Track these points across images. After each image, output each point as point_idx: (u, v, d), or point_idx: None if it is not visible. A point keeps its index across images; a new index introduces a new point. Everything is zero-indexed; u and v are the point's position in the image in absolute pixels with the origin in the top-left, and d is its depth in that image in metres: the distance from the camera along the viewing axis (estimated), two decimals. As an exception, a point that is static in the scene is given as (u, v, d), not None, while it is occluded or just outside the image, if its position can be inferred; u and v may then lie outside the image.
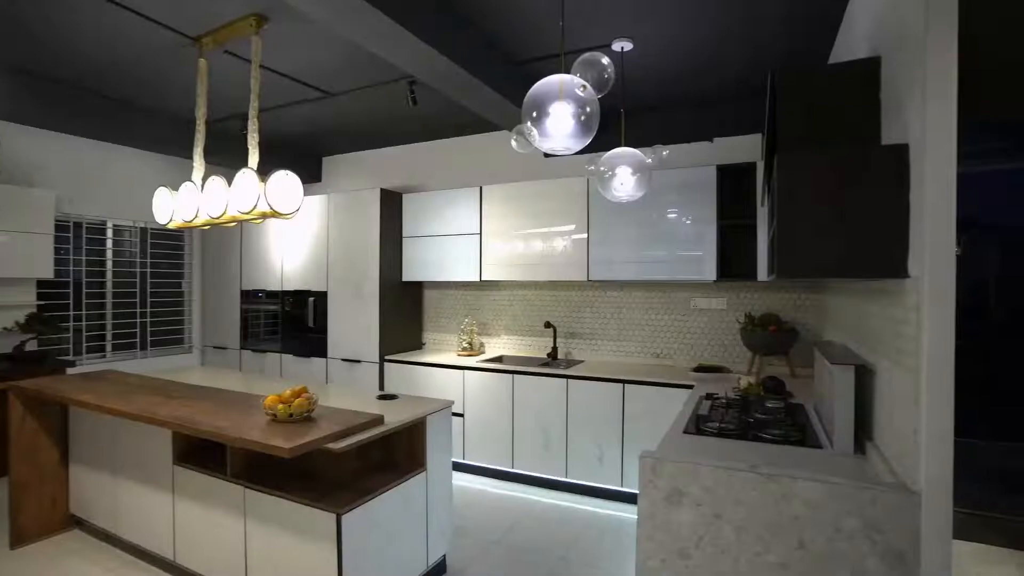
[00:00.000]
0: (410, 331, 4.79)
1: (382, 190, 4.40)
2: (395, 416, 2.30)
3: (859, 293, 2.12)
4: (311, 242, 4.71)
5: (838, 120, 1.69)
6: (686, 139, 3.80)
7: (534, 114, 1.84)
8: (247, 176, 2.37)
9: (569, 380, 3.62)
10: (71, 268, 4.28)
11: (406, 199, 4.60)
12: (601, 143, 2.88)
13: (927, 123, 1.31)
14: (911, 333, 1.38)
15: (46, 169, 4.01)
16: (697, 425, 2.14)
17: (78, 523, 2.99)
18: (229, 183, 2.47)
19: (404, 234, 4.61)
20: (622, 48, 2.84)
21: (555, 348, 4.21)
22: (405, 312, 4.72)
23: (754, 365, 3.32)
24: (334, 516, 1.94)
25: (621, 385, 3.45)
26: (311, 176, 5.52)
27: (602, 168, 2.80)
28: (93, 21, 2.68)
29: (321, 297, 4.67)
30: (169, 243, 5.07)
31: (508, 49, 3.02)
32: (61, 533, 2.94)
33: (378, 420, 2.17)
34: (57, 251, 4.00)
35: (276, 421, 2.07)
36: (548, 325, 4.18)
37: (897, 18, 1.55)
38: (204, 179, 2.59)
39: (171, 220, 2.75)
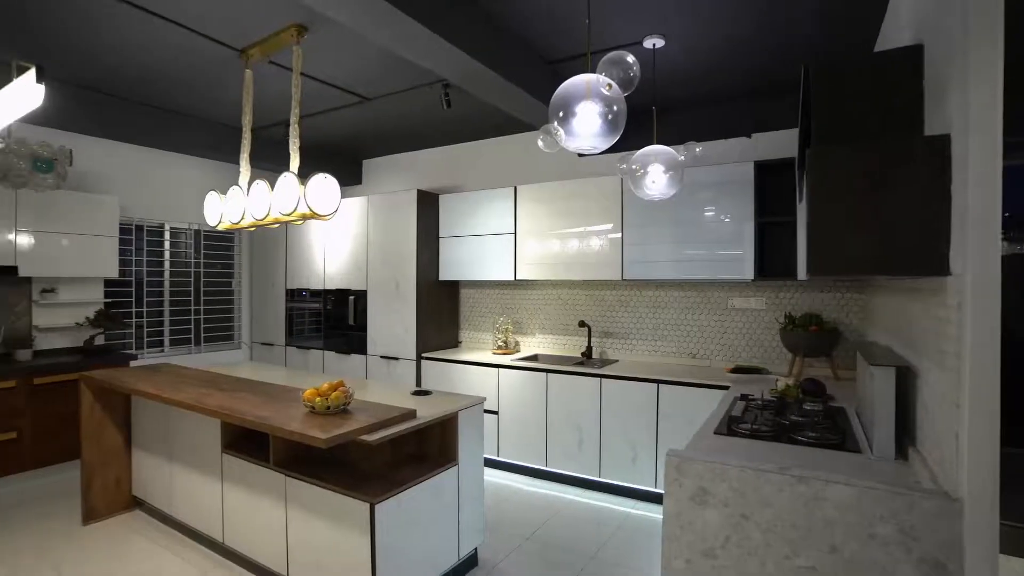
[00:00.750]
0: (447, 329, 4.88)
1: (419, 191, 4.50)
2: (427, 411, 2.36)
3: (902, 292, 2.03)
4: (351, 243, 4.87)
5: (877, 112, 1.62)
6: (723, 135, 3.72)
7: (560, 114, 1.85)
8: (288, 179, 2.49)
9: (603, 379, 3.61)
10: (133, 268, 4.59)
11: (443, 200, 4.69)
12: (634, 142, 2.87)
13: (970, 111, 1.25)
14: (953, 333, 1.32)
15: (111, 176, 4.32)
16: (729, 426, 2.11)
17: (139, 504, 3.21)
18: (273, 187, 2.60)
19: (441, 234, 4.70)
20: (654, 45, 2.81)
21: (590, 347, 4.19)
22: (442, 311, 4.81)
23: (795, 367, 3.21)
24: (368, 505, 2.02)
25: (655, 385, 3.41)
26: (352, 179, 5.70)
27: (634, 166, 2.78)
28: (150, 38, 2.86)
29: (361, 296, 4.82)
30: (220, 244, 5.35)
31: (540, 50, 3.04)
32: (125, 512, 3.17)
33: (411, 414, 2.24)
34: (121, 252, 4.30)
35: (314, 413, 2.17)
36: (582, 324, 4.18)
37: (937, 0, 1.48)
38: (250, 183, 2.72)
39: (220, 222, 2.91)
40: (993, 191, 1.24)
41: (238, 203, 2.78)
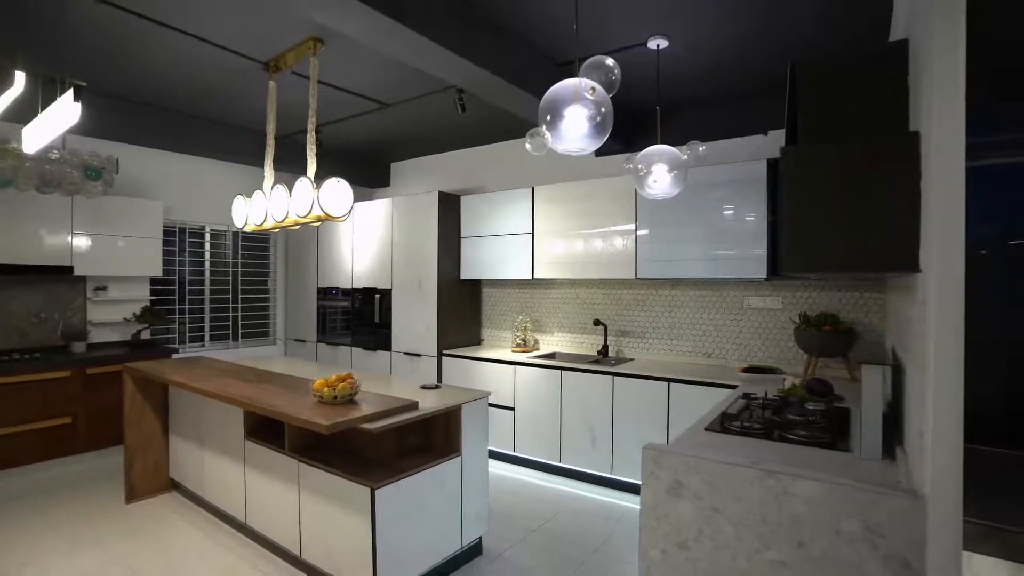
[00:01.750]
0: (469, 327, 4.99)
1: (440, 193, 4.63)
2: (430, 403, 2.47)
3: (899, 291, 2.00)
4: (377, 243, 5.06)
5: (862, 109, 1.61)
6: (738, 133, 3.68)
7: (548, 117, 1.93)
8: (303, 184, 2.65)
9: (615, 377, 3.63)
10: (176, 268, 4.92)
11: (464, 200, 4.81)
12: (642, 142, 2.90)
13: (932, 108, 1.25)
14: (921, 330, 1.31)
15: (156, 182, 4.65)
16: (722, 423, 2.12)
17: (175, 486, 3.46)
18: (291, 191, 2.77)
19: (462, 234, 4.82)
20: (658, 46, 2.83)
21: (606, 346, 4.22)
22: (464, 309, 4.93)
23: (810, 367, 3.15)
24: (369, 490, 2.14)
25: (666, 384, 3.42)
26: (380, 181, 5.91)
27: (639, 166, 2.81)
28: (186, 55, 3.10)
29: (386, 294, 5.00)
30: (256, 245, 5.65)
31: (549, 52, 3.10)
32: (163, 494, 3.43)
33: (412, 406, 2.35)
34: (165, 253, 4.62)
35: (323, 403, 2.31)
36: (597, 323, 4.21)
37: (917, -2, 1.47)
38: (273, 187, 2.91)
39: (246, 224, 3.11)
40: (955, 188, 1.23)
41: (260, 206, 2.97)
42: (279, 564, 2.62)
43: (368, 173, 5.75)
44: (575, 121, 1.92)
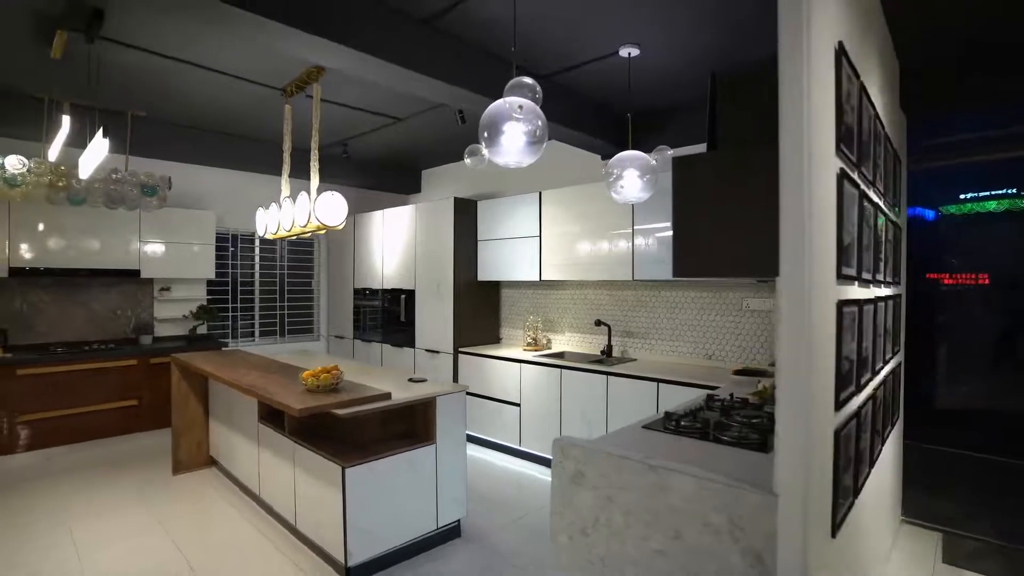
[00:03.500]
0: (486, 326, 5.21)
1: (455, 199, 4.88)
2: (404, 395, 2.71)
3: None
4: (403, 247, 5.40)
5: (760, 118, 1.66)
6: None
7: (486, 134, 2.10)
8: (302, 197, 2.98)
9: (609, 377, 3.71)
10: (229, 270, 5.52)
11: (480, 205, 5.03)
12: (647, 145, 2.99)
13: (782, 118, 1.31)
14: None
15: (210, 195, 5.25)
16: (664, 423, 2.19)
17: (214, 463, 3.95)
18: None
19: (479, 237, 5.05)
20: (629, 54, 2.90)
21: (610, 346, 4.29)
22: (480, 309, 5.16)
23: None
24: (340, 468, 2.41)
25: (655, 384, 3.46)
26: (412, 187, 6.27)
27: (613, 171, 2.89)
28: (220, 86, 3.56)
29: (410, 295, 5.33)
30: (301, 249, 6.19)
31: (531, 69, 3.24)
32: (204, 469, 3.93)
33: (385, 396, 2.60)
34: (218, 257, 5.21)
35: (307, 391, 2.61)
36: (599, 323, 4.28)
37: None
38: (284, 200, 3.27)
39: (266, 232, 3.51)
40: (798, 198, 1.29)
41: (274, 216, 3.35)
42: (280, 532, 2.97)
43: (400, 180, 6.13)
44: (513, 137, 2.08)
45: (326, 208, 2.95)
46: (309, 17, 2.29)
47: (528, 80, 1.93)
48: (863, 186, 1.86)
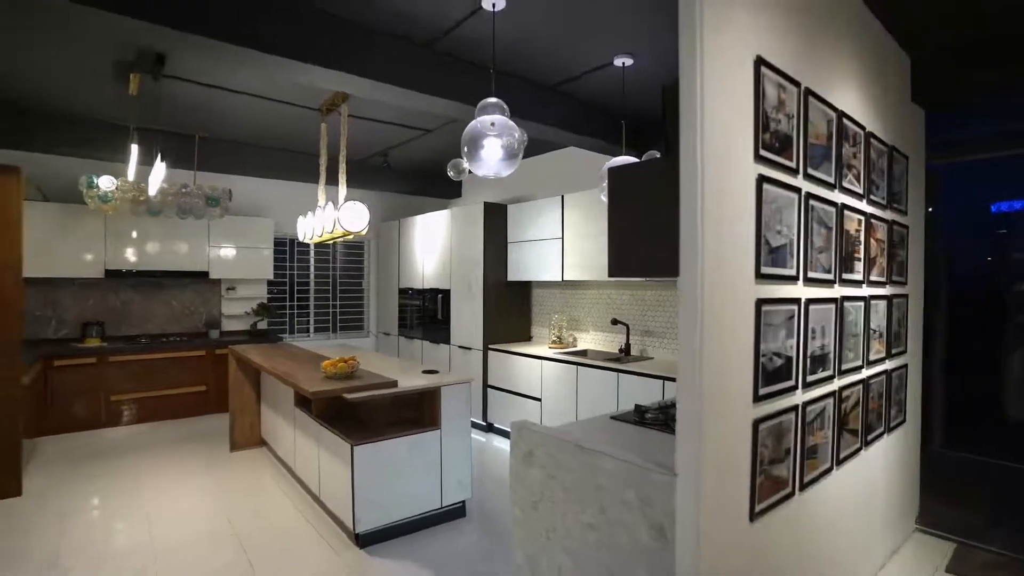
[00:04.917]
0: (516, 325, 5.43)
1: (485, 203, 5.15)
2: (411, 383, 3.00)
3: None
4: (440, 249, 5.74)
5: (694, 127, 1.77)
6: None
7: (466, 149, 2.34)
8: (328, 206, 3.35)
9: (619, 374, 3.82)
10: (287, 271, 6.11)
11: (510, 209, 5.27)
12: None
13: (681, 129, 1.45)
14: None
15: (268, 203, 5.86)
16: (633, 414, 2.32)
17: (265, 443, 4.46)
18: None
19: (509, 240, 5.28)
20: (623, 64, 3.02)
21: (628, 344, 4.38)
22: (511, 308, 5.39)
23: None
24: (349, 446, 2.73)
25: (661, 382, 3.54)
26: (453, 193, 6.63)
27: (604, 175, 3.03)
28: (269, 110, 4.05)
29: (446, 294, 5.65)
30: (352, 251, 6.71)
31: (539, 80, 3.43)
32: (255, 448, 4.44)
33: (391, 384, 2.90)
34: (276, 259, 5.80)
35: (326, 377, 2.96)
36: (615, 322, 4.38)
37: None
38: (317, 208, 3.68)
39: (305, 236, 3.94)
40: (691, 204, 1.42)
41: (310, 223, 3.77)
42: (308, 503, 3.35)
43: (440, 186, 6.49)
44: (492, 150, 2.31)
45: (349, 215, 3.30)
46: (324, 54, 2.63)
47: (493, 100, 2.15)
48: (811, 187, 1.91)
